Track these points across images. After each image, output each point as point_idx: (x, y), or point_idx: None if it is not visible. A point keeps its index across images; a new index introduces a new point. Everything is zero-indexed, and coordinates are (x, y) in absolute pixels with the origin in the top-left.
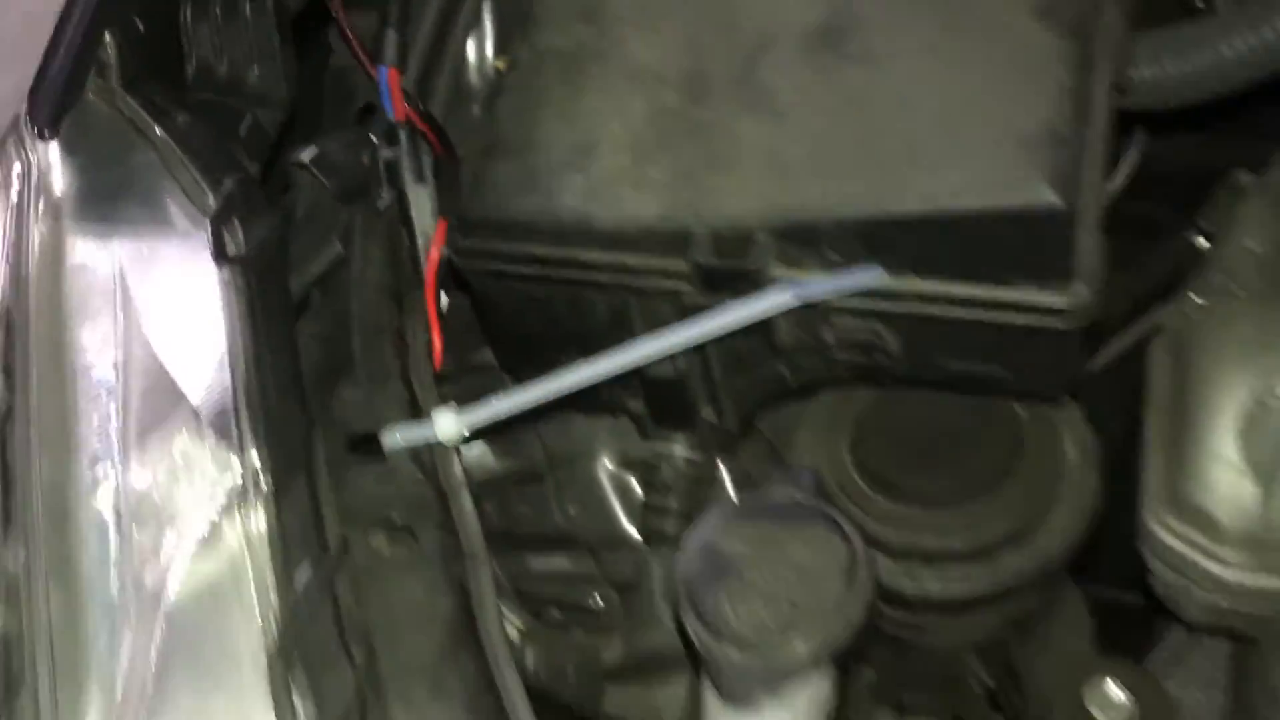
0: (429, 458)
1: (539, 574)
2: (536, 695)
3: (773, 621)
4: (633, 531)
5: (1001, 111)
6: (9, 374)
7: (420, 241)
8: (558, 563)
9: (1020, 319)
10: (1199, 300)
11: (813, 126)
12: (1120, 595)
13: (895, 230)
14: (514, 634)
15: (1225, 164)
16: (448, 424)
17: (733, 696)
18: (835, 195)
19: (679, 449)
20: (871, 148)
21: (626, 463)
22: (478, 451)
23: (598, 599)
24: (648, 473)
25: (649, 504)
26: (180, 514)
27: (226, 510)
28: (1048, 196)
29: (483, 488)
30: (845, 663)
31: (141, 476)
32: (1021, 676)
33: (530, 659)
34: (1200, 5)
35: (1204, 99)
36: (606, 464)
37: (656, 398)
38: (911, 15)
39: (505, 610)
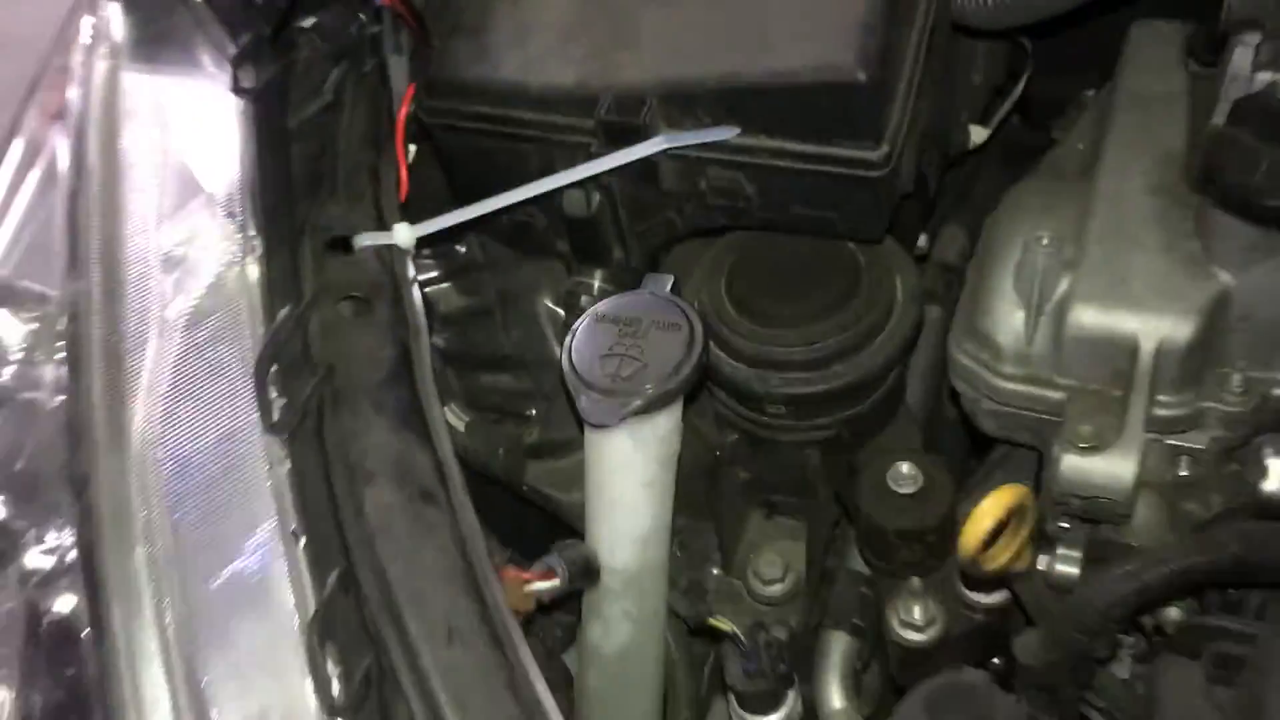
0: (388, 257)
1: (487, 387)
2: (474, 470)
3: (628, 375)
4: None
5: (830, 6)
6: (78, 167)
7: (395, 100)
8: (503, 380)
9: (841, 170)
10: None
11: (694, 15)
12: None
13: (748, 97)
14: (461, 427)
15: None
16: (404, 232)
17: (600, 428)
18: (706, 69)
19: (596, 281)
20: (734, 33)
21: (557, 298)
22: (444, 289)
23: (533, 411)
24: (570, 300)
25: (568, 324)
26: (195, 267)
27: (229, 265)
28: (855, 73)
29: (446, 319)
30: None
31: (169, 239)
32: (859, 475)
33: (471, 444)
34: None
35: (1039, 18)
36: (544, 300)
37: (577, 237)
38: None
39: (456, 410)
